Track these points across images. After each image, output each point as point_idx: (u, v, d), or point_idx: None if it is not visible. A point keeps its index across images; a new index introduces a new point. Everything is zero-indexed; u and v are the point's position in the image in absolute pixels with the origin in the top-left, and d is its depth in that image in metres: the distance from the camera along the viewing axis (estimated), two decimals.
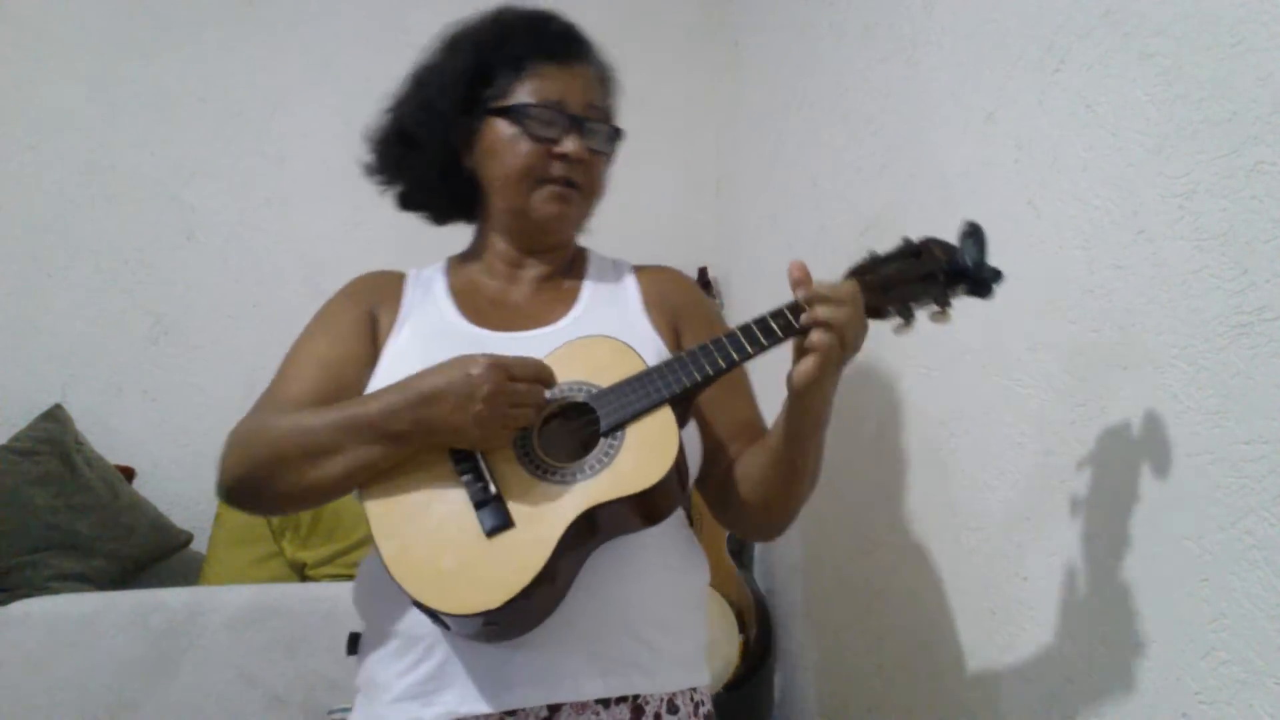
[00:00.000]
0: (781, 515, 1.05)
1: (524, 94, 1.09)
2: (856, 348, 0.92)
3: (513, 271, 1.16)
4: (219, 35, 2.44)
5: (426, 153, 1.15)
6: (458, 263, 1.21)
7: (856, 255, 1.03)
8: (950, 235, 1.00)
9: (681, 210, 2.69)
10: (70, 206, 2.29)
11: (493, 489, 0.91)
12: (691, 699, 1.02)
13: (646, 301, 1.15)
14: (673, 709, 0.99)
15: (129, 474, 2.21)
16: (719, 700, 2.03)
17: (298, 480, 0.94)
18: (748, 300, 2.41)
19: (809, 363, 0.90)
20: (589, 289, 1.16)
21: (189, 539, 2.20)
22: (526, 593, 0.85)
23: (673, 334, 1.13)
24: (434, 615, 0.89)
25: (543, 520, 0.89)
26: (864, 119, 1.79)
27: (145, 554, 2.09)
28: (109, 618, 1.73)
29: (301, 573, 2.09)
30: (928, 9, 1.56)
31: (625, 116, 1.23)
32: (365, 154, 1.20)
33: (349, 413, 0.93)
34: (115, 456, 2.18)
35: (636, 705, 0.97)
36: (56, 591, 1.84)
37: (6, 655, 1.67)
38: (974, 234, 0.92)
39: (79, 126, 2.32)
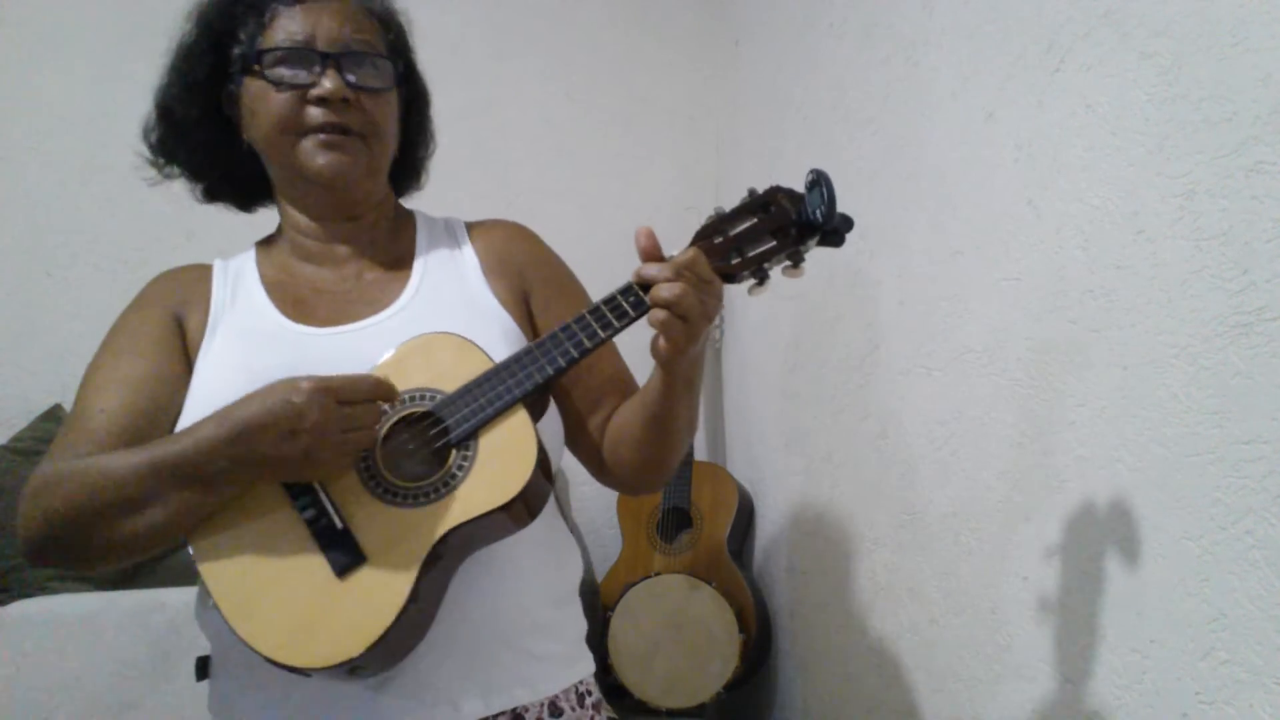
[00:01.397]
0: (658, 471, 0.99)
1: (268, 41, 0.96)
2: (708, 318, 0.85)
3: (326, 249, 1.03)
4: None
5: (193, 133, 1.03)
6: (265, 248, 1.08)
7: (856, 257, 1.03)
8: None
9: (681, 210, 2.69)
10: (70, 206, 2.29)
11: (339, 523, 0.82)
12: (575, 692, 0.98)
13: (486, 268, 1.03)
14: (556, 711, 0.95)
15: None
16: (719, 700, 2.04)
17: (109, 536, 0.82)
18: (748, 300, 2.41)
19: (661, 341, 0.85)
20: (421, 262, 1.04)
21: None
22: (390, 633, 0.79)
23: (520, 300, 1.03)
24: (293, 669, 0.81)
25: (398, 550, 0.81)
26: (864, 119, 1.79)
27: None
28: (109, 618, 1.73)
29: None
30: (928, 9, 1.56)
31: (625, 117, 1.21)
32: (140, 150, 1.08)
33: (159, 454, 0.81)
34: None
35: (516, 715, 0.92)
36: (56, 591, 1.84)
37: (6, 655, 1.67)
38: (819, 181, 0.85)
39: (79, 126, 2.32)
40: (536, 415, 0.90)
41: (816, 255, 0.90)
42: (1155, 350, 1.05)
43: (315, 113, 0.95)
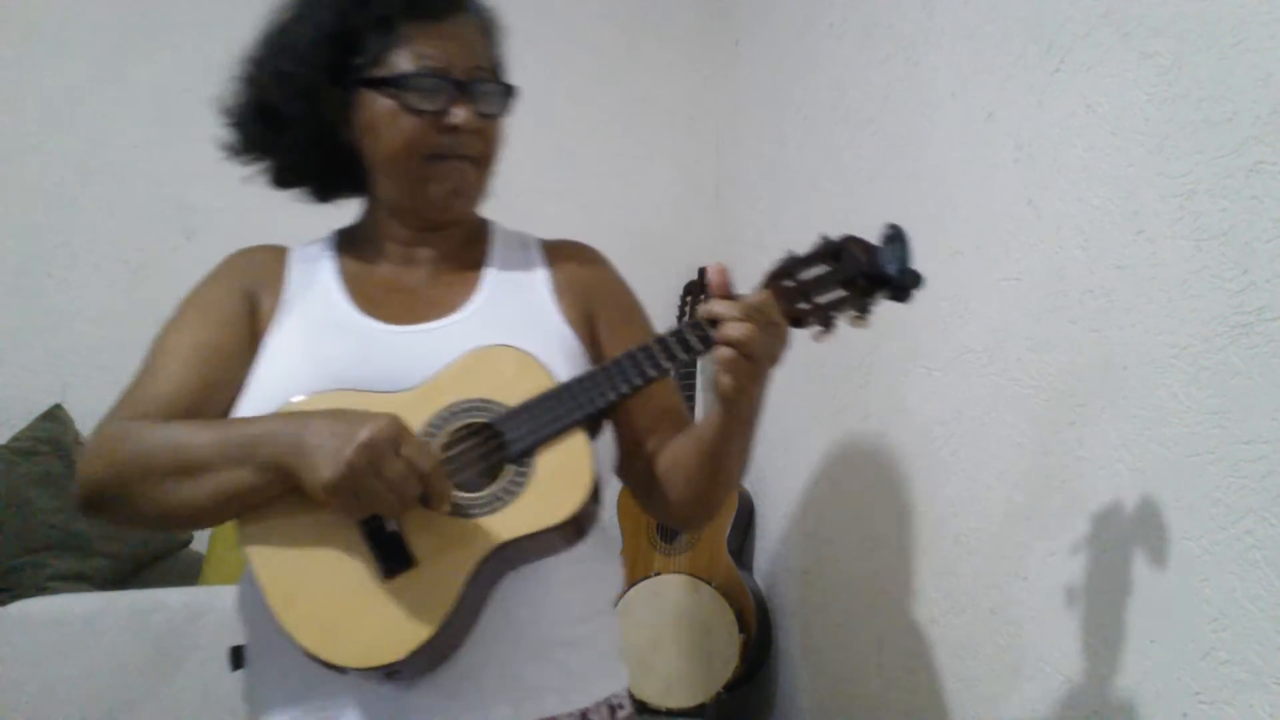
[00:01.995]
0: (706, 506, 0.99)
1: (400, 62, 0.95)
2: (773, 360, 0.85)
3: (408, 252, 1.05)
4: (219, 35, 2.43)
5: (293, 130, 1.02)
6: (346, 240, 1.09)
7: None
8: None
9: (681, 210, 2.69)
10: (70, 206, 2.29)
11: (391, 525, 0.83)
12: (608, 705, 0.97)
13: (557, 287, 1.05)
14: None
15: None
16: (719, 700, 2.04)
17: (161, 497, 0.85)
18: None
19: (725, 378, 0.85)
20: (493, 271, 1.05)
21: (189, 539, 2.20)
22: (431, 641, 0.79)
23: (585, 320, 1.04)
24: (330, 665, 0.81)
25: (447, 560, 0.81)
26: (864, 119, 1.79)
27: (145, 554, 2.09)
28: (109, 618, 1.72)
29: None
30: (928, 9, 1.56)
31: (625, 117, 1.21)
32: (223, 130, 1.07)
33: (227, 432, 0.85)
34: None
35: None
36: (56, 591, 1.84)
37: (6, 655, 1.67)
38: (897, 236, 0.85)
39: (79, 126, 2.32)
40: (591, 437, 0.90)
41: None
42: (1155, 350, 1.05)
43: (445, 141, 0.96)
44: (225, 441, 0.84)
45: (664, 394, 1.03)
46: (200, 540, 2.20)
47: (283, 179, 1.10)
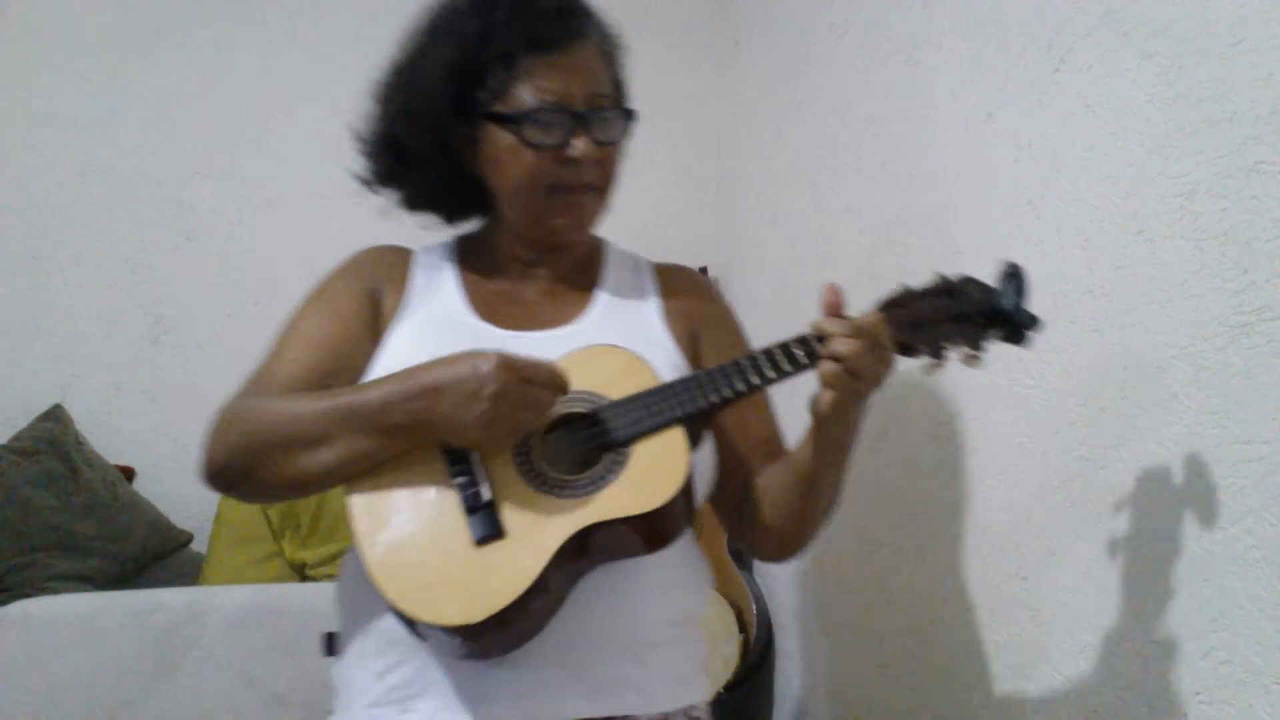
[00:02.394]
0: (797, 539, 1.00)
1: (521, 97, 0.97)
2: (876, 382, 0.86)
3: (526, 269, 1.10)
4: (219, 35, 2.44)
5: (422, 163, 1.06)
6: (467, 249, 1.14)
7: (856, 256, 1.03)
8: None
9: (681, 210, 2.69)
10: (70, 206, 2.29)
11: (486, 495, 0.86)
12: (687, 715, 0.98)
13: (666, 310, 1.09)
14: None
15: (129, 474, 2.21)
16: (719, 700, 2.04)
17: (285, 468, 0.89)
18: (748, 301, 2.41)
19: (826, 395, 0.86)
20: (606, 289, 1.09)
21: (189, 539, 2.20)
22: (511, 609, 0.81)
23: (691, 343, 1.07)
24: (411, 624, 0.85)
25: (536, 534, 0.84)
26: (864, 119, 1.79)
27: (145, 554, 2.09)
28: (109, 618, 1.73)
29: (301, 573, 2.09)
30: (928, 9, 1.56)
31: None
32: (357, 163, 1.13)
33: (344, 400, 0.88)
34: (115, 456, 2.18)
35: None
36: (56, 591, 1.84)
37: (6, 655, 1.67)
38: (1014, 276, 0.86)
39: (79, 126, 2.32)
40: (692, 443, 0.91)
41: (818, 257, 0.90)
42: (1155, 350, 1.05)
43: (566, 173, 0.99)
44: (343, 412, 0.87)
45: (763, 423, 1.05)
46: (200, 540, 2.20)
47: (413, 205, 1.14)
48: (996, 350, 1.33)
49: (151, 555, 2.11)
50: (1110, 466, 1.11)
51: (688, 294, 1.11)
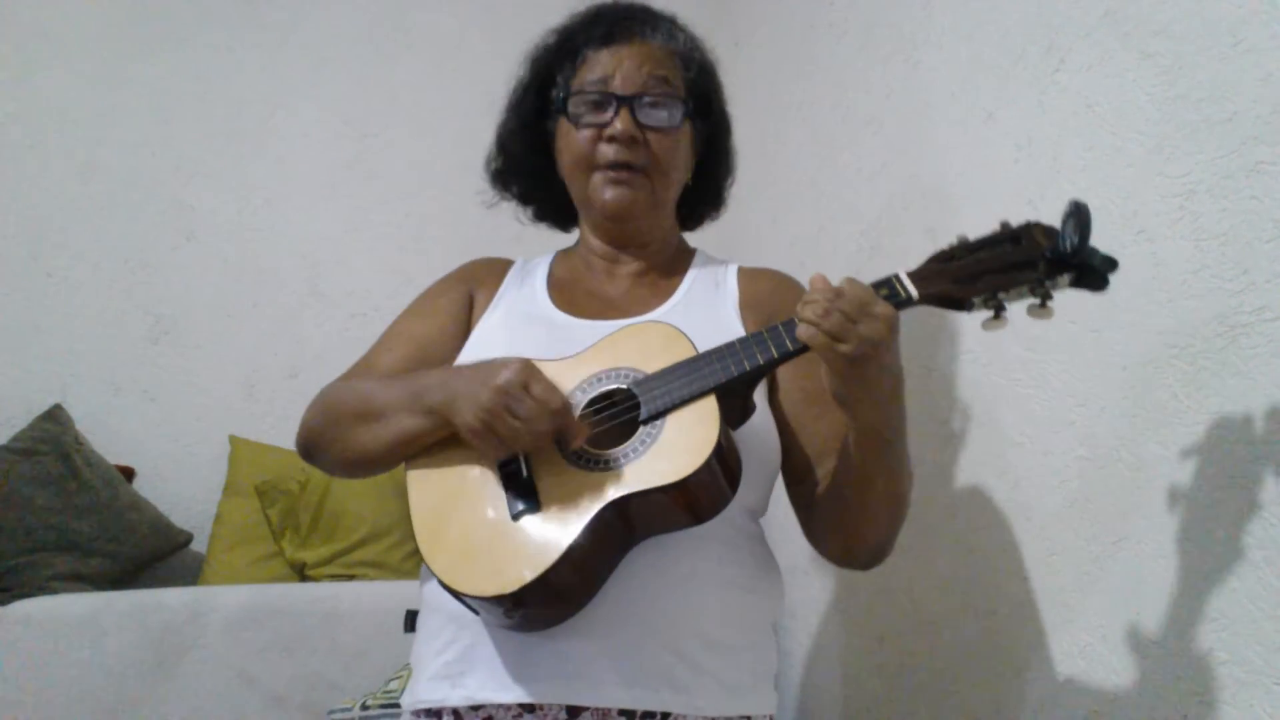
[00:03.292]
0: (859, 543, 0.97)
1: (577, 84, 1.09)
2: (864, 342, 0.81)
3: (611, 267, 1.16)
4: (219, 35, 2.44)
5: (523, 166, 1.18)
6: (564, 255, 1.21)
7: (856, 256, 1.03)
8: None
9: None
10: (70, 206, 2.29)
11: (524, 473, 0.90)
12: None
13: (743, 301, 1.10)
14: None
15: (129, 474, 2.21)
16: None
17: (350, 441, 0.98)
18: None
19: (824, 369, 0.85)
20: (687, 286, 1.13)
21: (189, 539, 2.20)
22: (542, 580, 0.83)
23: None
24: (459, 597, 0.88)
25: (570, 507, 0.86)
26: (864, 119, 1.79)
27: (145, 554, 2.09)
28: (109, 618, 1.73)
29: (301, 573, 2.09)
30: (928, 9, 1.56)
31: None
32: (484, 180, 1.23)
33: (403, 382, 0.97)
34: (115, 456, 2.18)
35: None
36: (56, 591, 1.84)
37: (6, 655, 1.67)
38: (1076, 214, 0.78)
39: (79, 126, 2.32)
40: (734, 417, 0.92)
41: (818, 257, 0.90)
42: (1155, 350, 1.05)
43: (607, 150, 1.06)
44: (400, 392, 0.96)
45: (834, 422, 1.00)
46: (200, 540, 2.20)
47: (539, 215, 1.25)
48: (996, 351, 1.34)
49: (151, 555, 2.11)
50: (1110, 466, 1.11)
51: (766, 289, 1.13)
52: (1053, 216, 1.22)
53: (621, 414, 0.92)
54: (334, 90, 2.50)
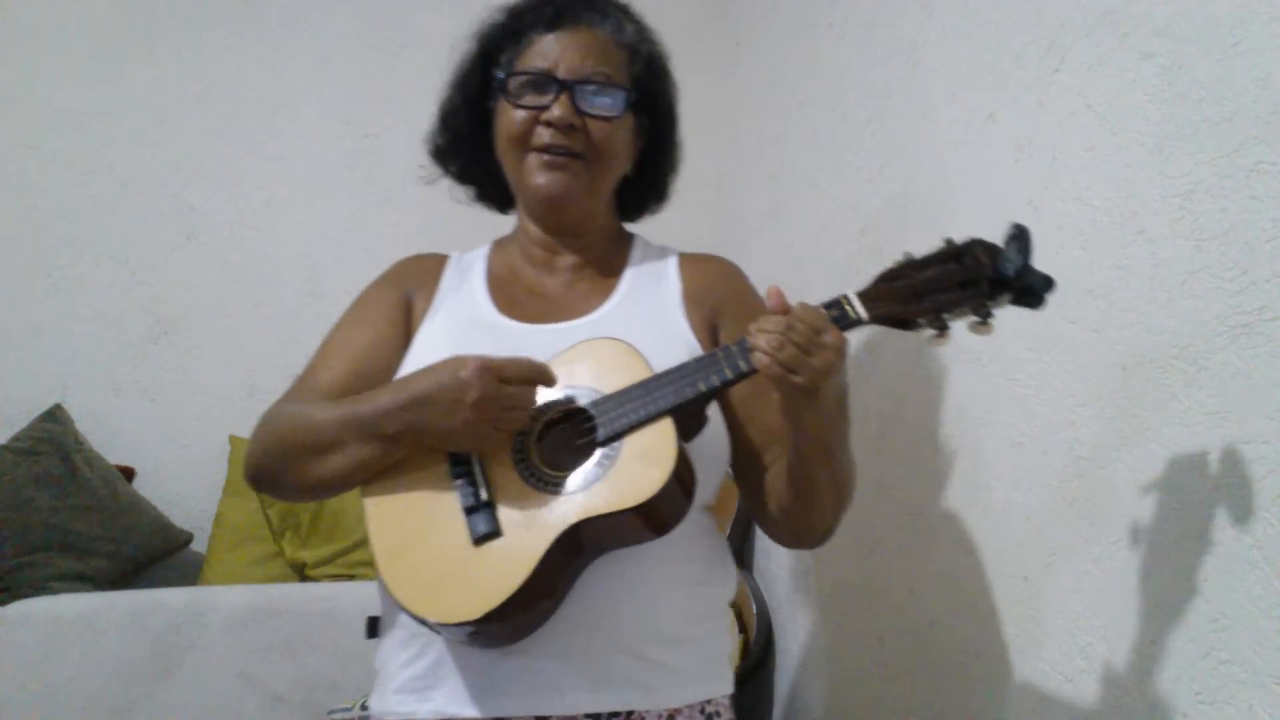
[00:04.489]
0: (804, 531, 1.00)
1: (519, 66, 1.07)
2: (818, 373, 0.83)
3: (549, 258, 1.13)
4: (219, 35, 2.44)
5: (463, 143, 1.16)
6: (500, 246, 1.19)
7: (856, 256, 1.03)
8: (952, 237, 0.97)
9: (681, 210, 2.69)
10: (70, 206, 2.29)
11: (484, 495, 0.89)
12: (702, 711, 0.97)
13: (686, 294, 1.10)
14: None
15: (129, 474, 2.21)
16: None
17: (306, 472, 0.94)
18: None
19: (777, 394, 0.87)
20: (628, 280, 1.11)
21: (189, 539, 2.20)
22: (507, 605, 0.83)
23: (709, 330, 1.08)
24: (421, 621, 0.88)
25: (530, 531, 0.86)
26: (864, 119, 1.79)
27: (145, 554, 2.09)
28: (109, 618, 1.73)
29: (301, 573, 2.09)
30: (928, 9, 1.56)
31: None
32: (429, 159, 1.21)
33: (350, 410, 0.93)
34: (115, 456, 2.18)
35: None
36: (56, 591, 1.84)
37: (6, 655, 1.67)
38: (1019, 237, 0.82)
39: (79, 126, 2.32)
40: (689, 431, 0.92)
41: (818, 257, 0.90)
42: (1155, 350, 1.05)
43: (543, 133, 1.05)
44: (348, 421, 0.92)
45: (773, 411, 0.99)
46: (200, 540, 2.20)
47: (479, 196, 1.23)
48: (996, 350, 1.34)
49: (151, 555, 2.11)
50: (1110, 466, 1.11)
51: (709, 280, 1.12)
52: (1053, 216, 1.22)
53: (580, 434, 0.91)
54: (334, 90, 2.50)
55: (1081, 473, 1.16)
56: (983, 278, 0.84)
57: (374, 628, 1.06)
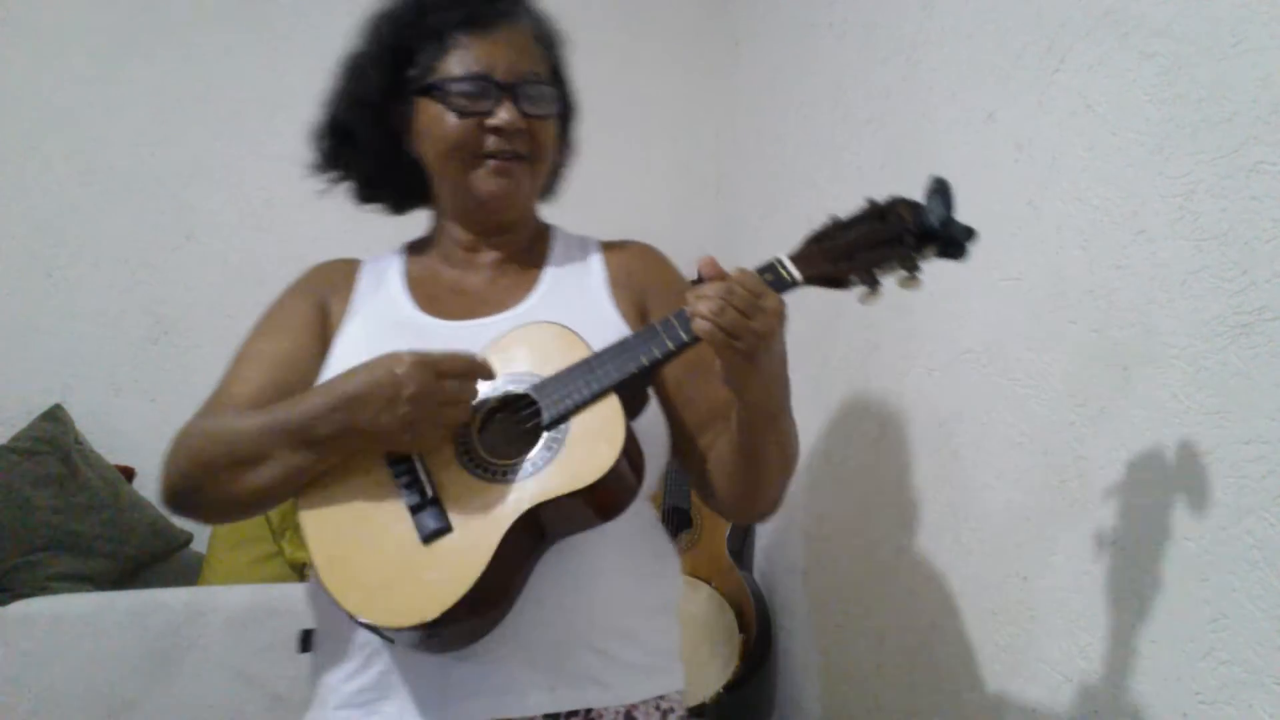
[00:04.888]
0: (756, 503, 0.99)
1: (448, 68, 1.02)
2: (758, 337, 0.83)
3: (470, 256, 1.10)
4: (219, 35, 2.44)
5: (362, 144, 1.09)
6: (415, 249, 1.15)
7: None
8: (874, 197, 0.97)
9: (681, 209, 2.69)
10: (70, 206, 2.29)
11: (429, 492, 0.85)
12: (657, 707, 0.96)
13: (612, 281, 1.08)
14: None
15: (129, 474, 2.21)
16: (719, 700, 2.04)
17: (230, 487, 0.89)
18: None
19: (718, 361, 0.86)
20: (551, 271, 1.09)
21: (189, 539, 2.20)
22: (465, 602, 0.80)
23: (639, 314, 1.06)
24: (373, 628, 0.85)
25: (482, 524, 0.83)
26: (864, 119, 1.79)
27: (145, 554, 2.09)
28: (109, 618, 1.73)
29: (301, 573, 2.09)
30: (928, 9, 1.56)
31: (625, 117, 1.21)
32: (308, 153, 1.14)
33: (275, 417, 0.88)
34: (115, 456, 2.18)
35: (589, 718, 0.91)
36: (56, 591, 1.84)
37: (6, 655, 1.67)
38: (940, 190, 0.84)
39: (79, 126, 2.31)
40: (634, 409, 0.90)
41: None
42: (1155, 350, 1.05)
43: (491, 140, 1.01)
44: (274, 428, 0.87)
45: (716, 389, 0.98)
46: (200, 540, 2.20)
47: (362, 195, 1.16)
48: (996, 350, 1.34)
49: (151, 555, 2.11)
50: (1110, 466, 1.11)
51: (633, 265, 1.10)
52: (1053, 216, 1.22)
53: (523, 420, 0.89)
54: None
55: (1081, 473, 1.16)
56: (907, 232, 0.86)
57: (308, 641, 1.01)
